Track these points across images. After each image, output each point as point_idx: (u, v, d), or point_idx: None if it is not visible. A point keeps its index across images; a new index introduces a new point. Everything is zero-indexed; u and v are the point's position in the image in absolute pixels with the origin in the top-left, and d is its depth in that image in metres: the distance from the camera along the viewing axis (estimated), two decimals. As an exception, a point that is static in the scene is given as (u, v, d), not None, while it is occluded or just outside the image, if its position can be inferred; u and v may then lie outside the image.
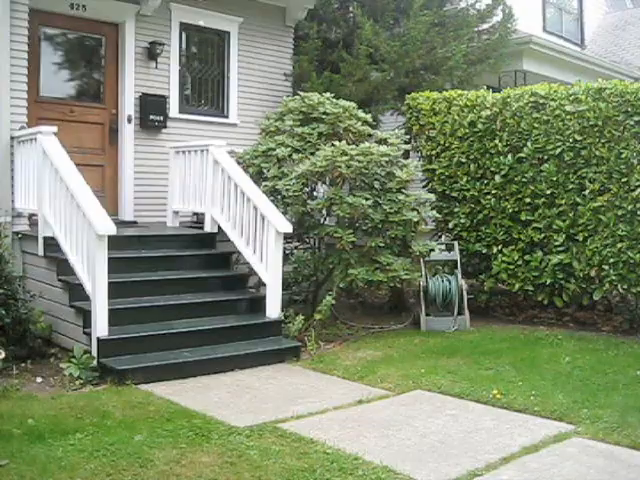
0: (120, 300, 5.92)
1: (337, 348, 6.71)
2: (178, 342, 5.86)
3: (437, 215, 7.86)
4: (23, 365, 5.69)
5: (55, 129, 6.42)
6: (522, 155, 7.77)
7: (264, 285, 6.70)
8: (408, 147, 7.92)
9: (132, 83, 8.17)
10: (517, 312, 8.35)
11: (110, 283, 5.57)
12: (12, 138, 6.85)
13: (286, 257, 7.28)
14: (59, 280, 6.18)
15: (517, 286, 7.81)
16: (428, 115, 8.50)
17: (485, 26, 10.11)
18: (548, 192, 7.58)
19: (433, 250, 7.52)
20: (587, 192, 7.36)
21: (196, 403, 4.89)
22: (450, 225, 8.33)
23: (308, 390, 5.31)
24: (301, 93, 8.00)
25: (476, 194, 8.12)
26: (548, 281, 7.57)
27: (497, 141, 7.95)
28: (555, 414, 4.68)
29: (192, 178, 7.67)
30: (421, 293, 7.58)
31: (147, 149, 8.27)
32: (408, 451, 4.07)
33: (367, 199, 6.92)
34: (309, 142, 7.45)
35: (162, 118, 8.34)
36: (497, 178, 7.94)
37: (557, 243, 7.52)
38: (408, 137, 8.13)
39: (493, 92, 8.27)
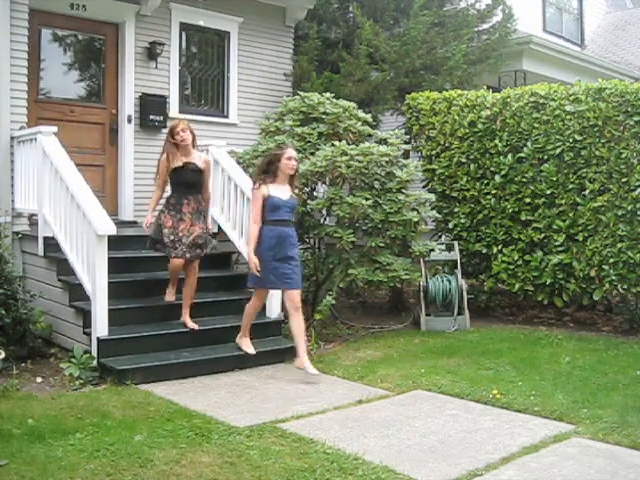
0: (120, 300, 5.93)
1: (337, 348, 6.71)
2: (178, 342, 5.87)
3: (437, 215, 7.86)
4: (23, 365, 5.69)
5: (55, 129, 6.43)
6: (522, 155, 7.78)
7: (264, 285, 6.69)
8: (408, 147, 7.92)
9: (132, 83, 8.17)
10: (517, 312, 8.36)
11: (110, 283, 5.58)
12: (12, 138, 6.86)
13: (286, 257, 7.27)
14: (59, 280, 6.18)
15: (517, 286, 7.81)
16: (428, 115, 8.50)
17: (485, 26, 10.11)
18: (548, 192, 7.59)
19: (433, 250, 7.52)
20: (587, 192, 7.36)
21: (196, 403, 4.89)
22: (450, 225, 8.33)
23: (308, 390, 5.31)
24: (301, 93, 8.00)
25: (476, 194, 8.13)
26: (548, 281, 7.57)
27: (497, 141, 7.95)
28: (555, 414, 4.68)
29: (192, 178, 7.66)
30: (421, 293, 7.59)
31: (147, 149, 8.25)
32: (408, 451, 4.07)
33: (367, 199, 6.92)
34: (309, 142, 7.45)
35: (162, 118, 8.34)
36: (497, 178, 7.94)
37: (557, 243, 7.52)
38: (408, 137, 8.14)
39: (493, 92, 8.28)
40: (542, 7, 14.12)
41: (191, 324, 6.00)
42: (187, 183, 6.09)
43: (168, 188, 6.28)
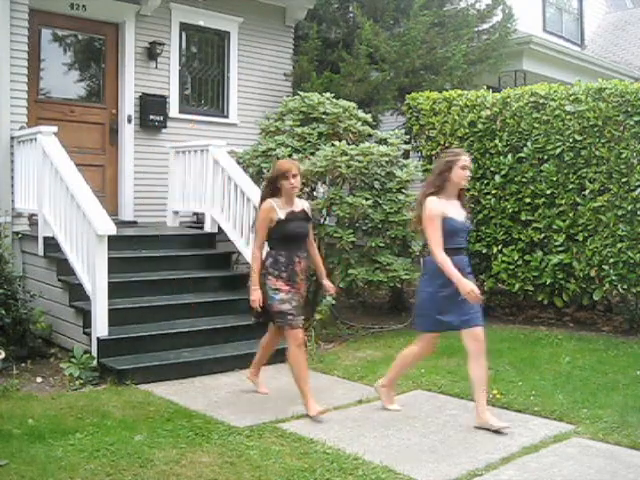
0: (120, 300, 5.93)
1: (337, 348, 6.70)
2: (178, 342, 5.86)
3: (437, 215, 7.85)
4: (23, 365, 5.69)
5: (55, 129, 6.44)
6: (522, 155, 7.77)
7: (264, 285, 6.68)
8: (408, 147, 7.92)
9: (132, 83, 8.19)
10: (517, 312, 8.35)
11: (110, 283, 5.58)
12: (12, 138, 6.87)
13: (286, 257, 7.27)
14: (59, 280, 6.18)
15: (517, 286, 7.80)
16: (428, 115, 8.49)
17: (485, 26, 10.12)
18: (548, 192, 7.58)
19: (433, 250, 7.50)
20: (587, 192, 7.35)
21: (196, 403, 4.89)
22: (450, 225, 8.31)
23: (308, 390, 5.30)
24: (301, 93, 8.01)
25: (476, 194, 8.11)
26: (548, 281, 7.57)
27: (497, 141, 7.94)
28: (555, 414, 4.68)
29: (192, 178, 7.67)
30: (421, 293, 7.57)
31: (147, 149, 8.28)
32: (408, 451, 4.07)
33: (367, 199, 6.93)
34: (309, 142, 7.45)
35: (162, 118, 8.35)
36: (497, 178, 7.93)
37: (557, 243, 7.51)
38: (408, 137, 8.13)
39: (493, 92, 8.27)
40: (542, 7, 14.12)
41: (263, 388, 5.26)
42: (297, 236, 4.93)
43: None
